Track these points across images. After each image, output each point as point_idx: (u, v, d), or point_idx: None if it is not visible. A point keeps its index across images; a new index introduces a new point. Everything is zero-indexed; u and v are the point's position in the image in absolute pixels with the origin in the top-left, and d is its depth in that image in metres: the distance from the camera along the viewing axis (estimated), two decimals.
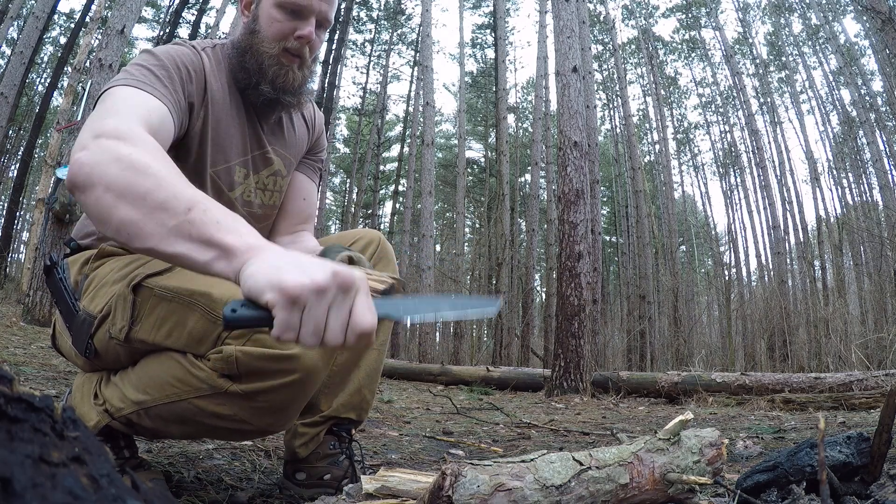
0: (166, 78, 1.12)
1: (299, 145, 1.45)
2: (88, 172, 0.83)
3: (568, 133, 6.46)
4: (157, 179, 0.80)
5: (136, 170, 0.81)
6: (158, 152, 0.88)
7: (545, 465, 0.90)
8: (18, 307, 6.67)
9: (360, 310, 0.72)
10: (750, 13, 22.94)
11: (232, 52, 1.29)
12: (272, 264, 0.71)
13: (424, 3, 14.28)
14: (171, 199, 0.79)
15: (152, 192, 0.79)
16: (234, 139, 1.28)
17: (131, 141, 0.87)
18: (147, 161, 0.83)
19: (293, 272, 0.69)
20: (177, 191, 0.80)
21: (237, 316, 0.72)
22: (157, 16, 21.60)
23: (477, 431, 3.00)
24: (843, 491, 1.06)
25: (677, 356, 12.15)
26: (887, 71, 13.71)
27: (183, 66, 1.17)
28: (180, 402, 1.05)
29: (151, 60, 1.13)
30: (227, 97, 1.27)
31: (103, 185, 0.82)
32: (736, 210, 23.67)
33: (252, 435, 1.12)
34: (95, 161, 0.84)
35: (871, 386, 4.48)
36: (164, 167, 0.84)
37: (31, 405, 0.32)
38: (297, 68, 1.26)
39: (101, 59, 6.37)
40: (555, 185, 15.70)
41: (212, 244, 0.76)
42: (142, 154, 0.84)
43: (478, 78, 25.24)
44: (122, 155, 0.83)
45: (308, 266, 0.71)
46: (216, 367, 1.01)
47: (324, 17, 1.25)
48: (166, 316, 1.07)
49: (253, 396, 1.01)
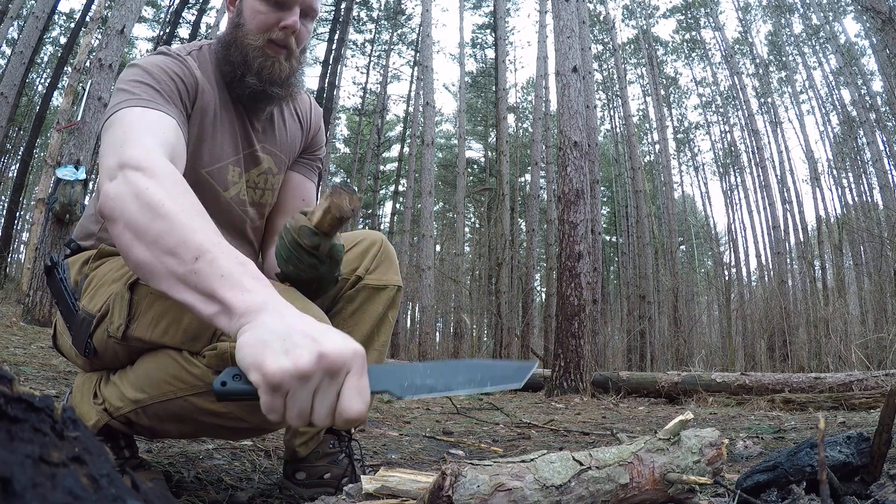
0: (166, 92, 1.12)
1: (292, 142, 1.44)
2: (112, 206, 0.86)
3: (568, 133, 6.46)
4: (170, 222, 0.82)
5: (152, 209, 0.83)
6: (176, 186, 0.89)
7: (545, 465, 0.90)
8: (18, 307, 6.67)
9: (349, 395, 0.68)
10: (750, 13, 22.95)
11: (218, 48, 1.28)
12: (260, 339, 0.68)
13: (424, 3, 14.28)
14: (181, 245, 0.79)
15: (164, 235, 0.81)
16: (225, 138, 1.27)
17: (151, 171, 0.89)
18: (162, 199, 0.84)
19: (277, 355, 0.66)
20: (187, 236, 0.80)
21: (226, 390, 0.70)
22: (157, 16, 21.60)
23: (477, 431, 3.00)
24: (843, 491, 1.06)
25: (677, 356, 12.16)
26: (887, 71, 13.71)
27: (175, 75, 1.17)
28: (176, 400, 1.05)
29: (146, 76, 1.13)
30: (216, 97, 1.27)
31: (123, 222, 0.85)
32: (736, 210, 23.71)
33: (249, 433, 1.12)
34: (119, 194, 0.86)
35: (871, 386, 4.48)
36: (180, 204, 0.85)
37: (31, 405, 0.32)
38: (284, 59, 1.25)
39: (101, 59, 6.37)
40: (555, 185, 15.70)
41: (214, 299, 0.75)
42: (158, 190, 0.86)
43: (478, 78, 25.25)
44: (140, 190, 0.85)
45: (297, 345, 0.67)
46: (211, 363, 1.01)
47: (308, 6, 1.24)
48: (162, 313, 1.07)
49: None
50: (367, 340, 1.36)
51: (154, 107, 1.07)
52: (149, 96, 1.08)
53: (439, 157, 25.77)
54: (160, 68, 1.15)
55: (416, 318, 19.88)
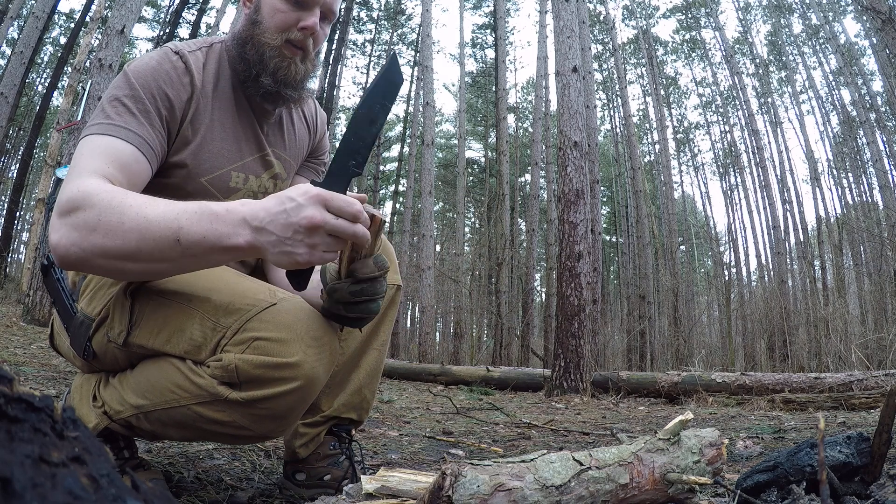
0: (140, 111, 1.08)
1: (300, 147, 1.41)
2: (74, 253, 0.92)
3: (568, 133, 6.46)
4: (138, 230, 0.90)
5: (116, 231, 0.90)
6: (116, 197, 0.93)
7: (545, 465, 0.90)
8: (18, 307, 6.67)
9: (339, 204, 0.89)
10: (750, 13, 22.95)
11: (232, 44, 1.24)
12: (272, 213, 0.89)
13: (424, 3, 14.27)
14: (157, 241, 0.90)
15: (141, 245, 0.90)
16: (229, 144, 1.23)
17: (88, 203, 0.92)
18: (119, 218, 0.91)
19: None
20: (154, 233, 0.90)
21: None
22: (157, 16, 21.60)
23: (477, 431, 3.00)
24: (843, 491, 1.06)
25: (677, 356, 12.15)
26: (887, 71, 13.71)
27: (159, 89, 1.11)
28: (179, 408, 1.04)
29: (125, 90, 1.09)
30: (223, 99, 1.23)
31: (95, 255, 0.92)
32: (736, 210, 23.69)
33: (252, 440, 1.12)
34: (72, 241, 0.92)
35: (871, 386, 4.48)
36: (132, 210, 0.91)
37: (31, 405, 0.32)
38: (300, 61, 1.21)
39: (101, 59, 6.37)
40: (555, 185, 15.70)
41: (221, 248, 0.90)
42: (101, 214, 0.91)
43: (478, 78, 25.24)
44: (87, 224, 0.91)
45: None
46: (216, 374, 1.00)
47: (329, 8, 1.21)
48: (165, 321, 1.06)
49: (253, 404, 1.00)
50: (366, 339, 1.36)
51: (116, 133, 1.04)
52: (118, 121, 1.06)
53: (439, 157, 25.76)
54: (144, 80, 1.11)
55: (416, 318, 19.88)
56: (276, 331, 1.00)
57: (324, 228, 0.86)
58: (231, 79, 1.25)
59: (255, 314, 1.02)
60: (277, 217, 0.87)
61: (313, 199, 0.86)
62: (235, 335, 1.01)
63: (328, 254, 0.90)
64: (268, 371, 0.98)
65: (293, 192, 0.88)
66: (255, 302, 1.04)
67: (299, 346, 1.00)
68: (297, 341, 1.00)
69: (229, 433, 1.05)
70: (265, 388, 0.99)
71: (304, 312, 1.05)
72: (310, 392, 1.03)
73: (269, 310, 1.02)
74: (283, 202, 0.88)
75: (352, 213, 0.88)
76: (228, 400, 1.01)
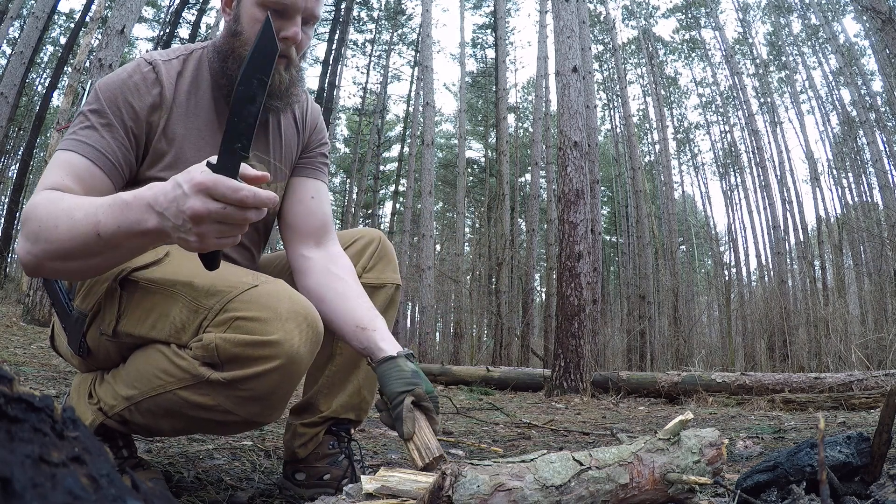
0: (102, 125, 1.11)
1: (289, 147, 1.38)
2: (30, 260, 0.99)
3: (568, 133, 6.46)
4: (69, 230, 0.94)
5: (48, 241, 0.96)
6: (49, 205, 0.99)
7: (545, 465, 0.90)
8: (18, 307, 6.67)
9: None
10: (750, 13, 22.95)
11: (213, 57, 1.23)
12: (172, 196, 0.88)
13: (425, 3, 14.27)
14: (83, 238, 0.94)
15: (74, 246, 0.94)
16: (206, 153, 1.20)
17: (34, 214, 0.99)
18: (55, 223, 0.96)
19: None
20: (80, 230, 0.94)
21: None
22: (157, 16, 21.57)
23: (477, 431, 3.00)
24: (843, 491, 1.06)
25: (677, 356, 12.15)
26: (887, 71, 13.71)
27: (125, 101, 1.14)
28: (166, 394, 1.05)
29: (92, 104, 1.13)
30: (201, 107, 1.22)
31: (45, 259, 0.98)
32: (736, 210, 23.69)
33: (241, 426, 1.12)
34: (27, 251, 0.99)
35: (871, 386, 4.48)
36: (63, 218, 0.96)
37: (31, 405, 0.32)
38: (284, 70, 1.20)
39: (101, 59, 6.37)
40: (555, 185, 15.69)
41: (136, 234, 0.91)
42: (41, 222, 0.97)
43: (478, 78, 25.22)
44: (33, 233, 0.98)
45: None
46: (197, 355, 1.02)
47: (310, 13, 1.19)
48: (150, 307, 1.08)
49: (235, 385, 1.01)
50: None
51: (79, 150, 1.09)
52: (83, 135, 1.10)
53: (439, 157, 25.75)
54: (111, 94, 1.14)
55: (415, 318, 19.87)
56: (256, 310, 1.01)
57: (208, 218, 0.85)
58: (211, 85, 1.24)
59: (237, 295, 1.03)
60: (171, 205, 0.87)
61: (195, 189, 0.84)
62: (217, 316, 1.02)
63: (224, 239, 0.88)
64: (247, 349, 0.99)
65: (181, 178, 0.87)
66: (238, 284, 1.05)
67: (279, 325, 1.01)
68: (278, 320, 1.01)
69: (216, 419, 1.06)
70: (246, 367, 1.00)
71: (286, 294, 1.06)
72: (292, 372, 1.03)
73: (250, 291, 1.04)
74: (175, 188, 0.87)
75: (236, 199, 0.84)
76: (211, 381, 1.01)
